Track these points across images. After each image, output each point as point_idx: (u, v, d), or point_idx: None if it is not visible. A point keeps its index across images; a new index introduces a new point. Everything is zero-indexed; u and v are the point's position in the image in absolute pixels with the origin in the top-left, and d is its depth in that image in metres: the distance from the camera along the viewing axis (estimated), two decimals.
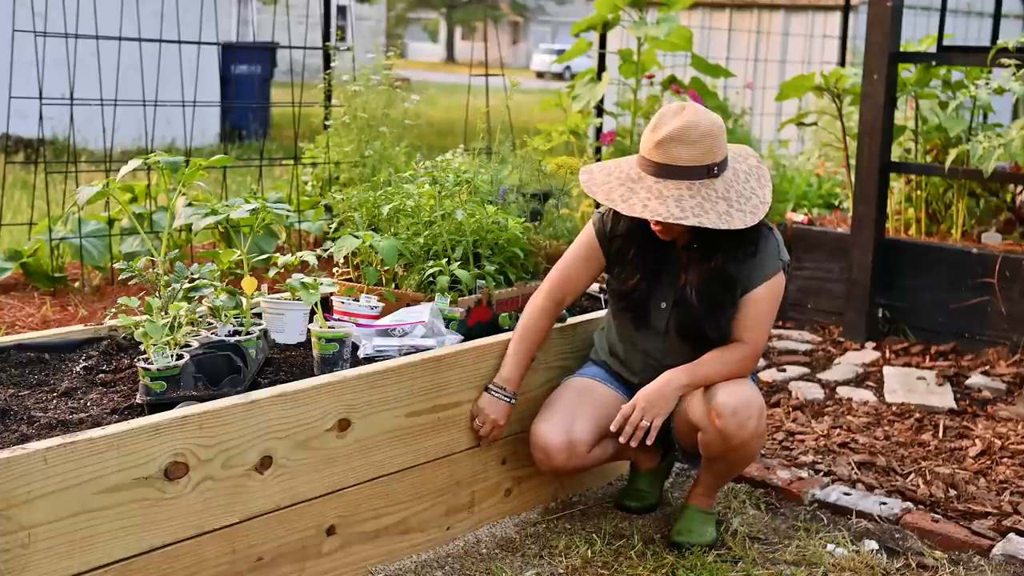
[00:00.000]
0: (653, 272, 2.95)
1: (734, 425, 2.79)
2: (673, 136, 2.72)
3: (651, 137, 2.76)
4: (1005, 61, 4.59)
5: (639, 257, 2.94)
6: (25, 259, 5.27)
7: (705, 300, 2.86)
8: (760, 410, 2.83)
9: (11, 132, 7.75)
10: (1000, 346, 4.71)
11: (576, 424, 2.94)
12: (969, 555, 2.99)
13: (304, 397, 2.50)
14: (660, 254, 2.94)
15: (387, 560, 2.79)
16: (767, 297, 2.88)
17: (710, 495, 3.03)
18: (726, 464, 2.93)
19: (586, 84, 6.59)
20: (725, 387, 2.83)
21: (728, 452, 2.86)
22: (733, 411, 2.79)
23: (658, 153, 2.74)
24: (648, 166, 2.77)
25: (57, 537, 2.10)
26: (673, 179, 2.73)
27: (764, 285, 2.87)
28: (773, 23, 10.53)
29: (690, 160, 2.73)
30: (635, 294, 2.96)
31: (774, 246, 2.89)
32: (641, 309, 2.98)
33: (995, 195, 5.39)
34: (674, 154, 2.73)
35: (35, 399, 2.51)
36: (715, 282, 2.86)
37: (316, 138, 6.26)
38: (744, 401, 2.80)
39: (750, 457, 2.90)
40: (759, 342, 2.90)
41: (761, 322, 2.88)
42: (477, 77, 6.42)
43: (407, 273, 3.23)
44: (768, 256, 2.87)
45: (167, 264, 2.79)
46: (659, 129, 2.75)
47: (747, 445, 2.84)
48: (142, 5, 5.58)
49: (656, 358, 3.01)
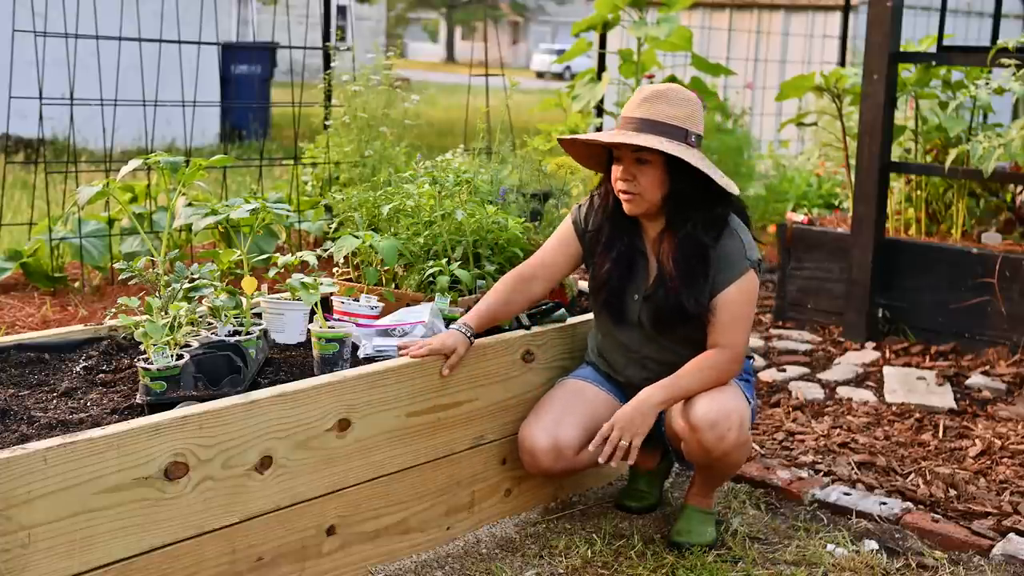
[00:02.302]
0: (624, 262, 2.94)
1: (713, 438, 2.78)
2: (658, 94, 2.82)
3: (635, 98, 2.85)
4: (1005, 61, 4.58)
5: (609, 246, 2.95)
6: (25, 259, 5.27)
7: (680, 271, 2.83)
8: (741, 420, 2.81)
9: (11, 132, 7.75)
10: (1000, 346, 4.71)
11: (563, 427, 2.93)
12: (969, 555, 2.99)
13: (304, 397, 2.50)
14: (631, 246, 2.95)
15: (387, 560, 2.79)
16: (738, 298, 2.85)
17: (706, 495, 3.02)
18: (712, 471, 2.93)
19: (586, 84, 6.60)
20: (704, 399, 2.81)
21: (712, 462, 2.86)
22: (712, 424, 2.77)
23: (641, 109, 2.81)
24: (630, 122, 2.82)
25: (57, 537, 2.10)
26: (654, 134, 2.77)
27: (734, 286, 2.84)
28: (773, 23, 10.53)
29: (671, 118, 2.78)
30: (608, 286, 2.96)
31: (739, 245, 2.86)
32: (616, 302, 2.97)
33: (995, 195, 5.39)
34: (657, 109, 2.79)
35: (35, 399, 2.51)
36: (687, 251, 2.83)
37: (316, 138, 6.27)
38: (723, 413, 2.78)
39: (736, 465, 2.90)
40: (737, 345, 2.86)
41: (736, 324, 2.85)
42: (477, 77, 6.42)
43: (407, 273, 3.23)
44: (735, 255, 2.84)
45: (167, 264, 2.79)
46: (644, 91, 2.85)
47: (728, 456, 2.83)
48: (142, 5, 5.58)
49: (635, 350, 3.00)
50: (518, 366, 3.05)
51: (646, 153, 2.80)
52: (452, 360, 2.79)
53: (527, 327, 3.10)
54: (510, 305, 2.97)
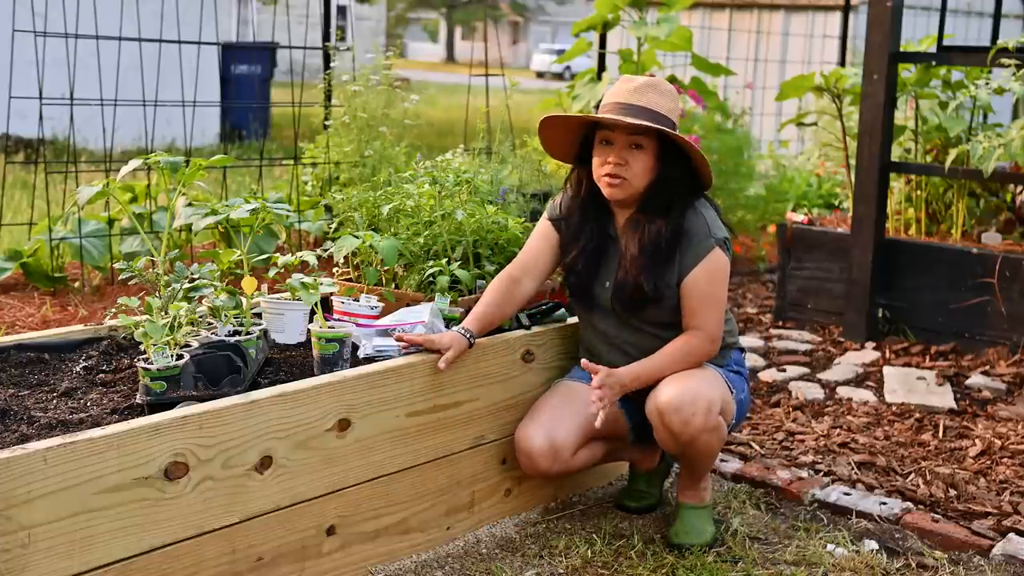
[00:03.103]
0: (594, 249, 2.96)
1: (678, 422, 2.78)
2: (650, 84, 2.88)
3: (624, 86, 2.88)
4: (1005, 61, 4.58)
5: (579, 234, 2.98)
6: (25, 259, 5.27)
7: (643, 255, 2.86)
8: (708, 404, 2.79)
9: (11, 132, 7.75)
10: (1000, 346, 4.71)
11: (559, 428, 2.93)
12: (969, 555, 2.99)
13: (304, 397, 2.50)
14: (601, 233, 2.97)
15: (387, 560, 2.79)
16: (704, 278, 2.85)
17: (694, 487, 3.01)
18: (687, 459, 2.92)
19: (586, 84, 6.59)
20: (671, 382, 2.82)
21: (683, 448, 2.85)
22: (676, 408, 2.77)
23: (635, 97, 2.84)
24: (626, 108, 2.84)
25: (57, 537, 2.10)
26: (647, 121, 2.81)
27: (700, 266, 2.85)
28: (773, 23, 10.54)
29: (662, 108, 2.85)
30: (576, 273, 2.97)
31: (704, 224, 2.87)
32: (585, 289, 2.98)
33: (995, 195, 5.39)
34: (649, 98, 2.84)
35: (35, 399, 2.51)
36: (653, 235, 2.86)
37: (316, 138, 6.27)
38: (688, 397, 2.78)
39: (708, 451, 2.87)
40: (709, 326, 2.87)
41: (706, 305, 2.86)
42: (477, 77, 6.42)
43: (407, 273, 3.23)
44: (700, 235, 2.86)
45: (167, 264, 2.79)
46: (632, 81, 2.90)
47: (697, 441, 2.81)
48: (142, 5, 5.57)
49: (613, 336, 3.01)
50: (518, 366, 3.05)
51: (642, 138, 2.83)
52: (449, 355, 2.77)
53: (527, 327, 3.10)
54: (504, 307, 2.98)
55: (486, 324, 2.93)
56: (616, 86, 2.92)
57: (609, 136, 2.87)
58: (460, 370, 2.85)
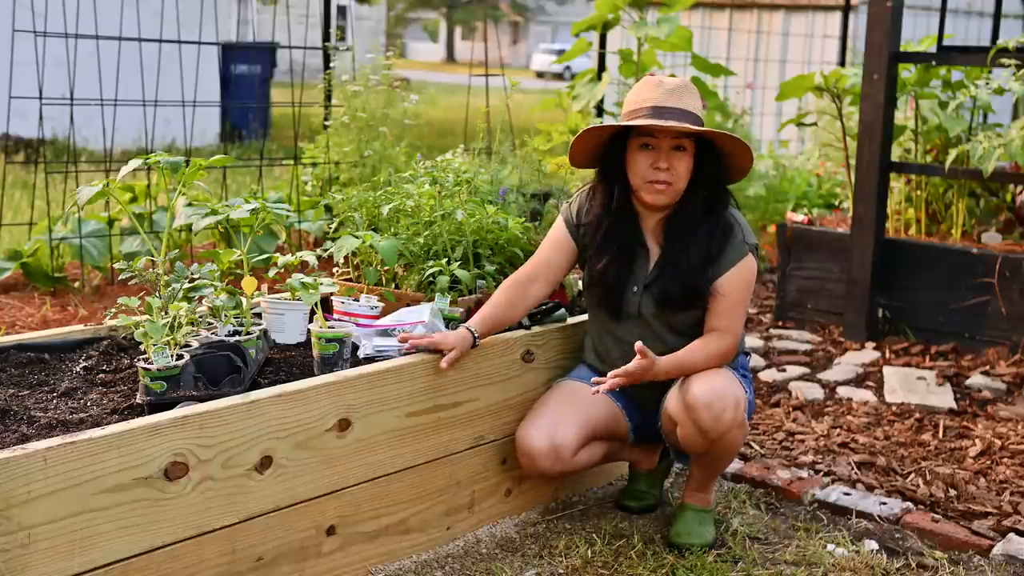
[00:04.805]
0: (624, 255, 2.96)
1: (709, 417, 2.78)
2: (683, 86, 2.89)
3: (656, 89, 2.87)
4: (1005, 61, 4.59)
5: (608, 240, 2.96)
6: (25, 259, 5.27)
7: (692, 250, 2.88)
8: (736, 401, 2.81)
9: (11, 132, 7.76)
10: (1000, 346, 4.71)
11: (560, 428, 2.93)
12: (969, 555, 2.99)
13: (304, 397, 2.50)
14: (632, 238, 2.96)
15: (387, 560, 2.79)
16: (738, 283, 2.89)
17: (704, 490, 3.02)
18: (710, 458, 2.92)
19: (586, 84, 6.59)
20: (699, 379, 2.83)
21: (709, 446, 2.85)
22: (707, 404, 2.78)
23: (672, 99, 2.85)
24: (662, 111, 2.83)
25: (57, 537, 2.10)
26: (689, 124, 2.83)
27: (734, 270, 2.88)
28: (773, 23, 10.53)
29: (696, 109, 2.88)
30: (605, 281, 2.96)
31: (738, 230, 2.92)
32: (614, 297, 2.98)
33: (995, 195, 5.39)
34: (686, 101, 2.86)
35: (35, 399, 2.51)
36: (696, 231, 2.88)
37: (316, 138, 6.27)
38: (718, 393, 2.79)
39: (733, 448, 2.89)
40: (737, 329, 2.91)
41: (736, 309, 2.90)
42: (477, 77, 6.42)
43: (407, 273, 3.23)
44: (735, 240, 2.90)
45: (167, 264, 2.79)
46: (663, 84, 2.88)
47: (725, 438, 2.82)
48: (142, 5, 5.58)
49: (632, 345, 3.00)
50: (518, 366, 3.05)
51: (684, 140, 2.86)
52: (452, 355, 2.77)
53: (527, 327, 3.10)
54: (513, 309, 2.98)
55: (493, 325, 2.93)
56: (644, 89, 2.90)
57: (650, 141, 2.87)
58: (460, 370, 2.85)
